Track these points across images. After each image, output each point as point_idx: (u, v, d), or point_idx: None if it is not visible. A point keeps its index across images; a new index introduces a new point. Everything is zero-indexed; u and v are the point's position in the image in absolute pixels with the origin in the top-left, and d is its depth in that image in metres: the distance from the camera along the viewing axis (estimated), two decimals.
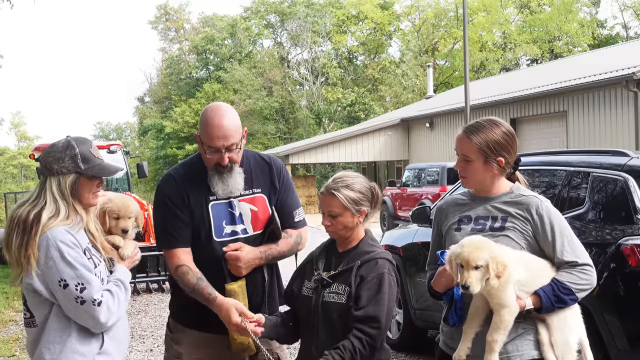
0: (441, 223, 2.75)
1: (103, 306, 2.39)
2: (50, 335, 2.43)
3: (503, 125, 2.61)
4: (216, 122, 2.74)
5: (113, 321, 2.46)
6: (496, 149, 2.56)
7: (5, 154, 63.39)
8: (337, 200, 2.64)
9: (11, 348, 7.15)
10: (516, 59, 44.99)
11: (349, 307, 2.54)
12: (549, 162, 5.08)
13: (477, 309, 2.46)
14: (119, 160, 13.18)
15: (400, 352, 6.23)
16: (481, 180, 2.61)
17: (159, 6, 58.83)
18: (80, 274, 2.37)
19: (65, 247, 2.38)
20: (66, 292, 2.36)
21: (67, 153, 2.48)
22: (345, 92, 46.91)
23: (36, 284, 2.39)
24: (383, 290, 2.54)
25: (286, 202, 3.00)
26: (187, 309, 2.89)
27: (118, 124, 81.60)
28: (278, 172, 3.01)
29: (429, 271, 2.82)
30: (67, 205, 2.47)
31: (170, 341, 3.01)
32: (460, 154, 2.63)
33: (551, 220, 2.50)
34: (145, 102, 64.58)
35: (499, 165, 2.58)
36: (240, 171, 2.88)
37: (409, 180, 19.37)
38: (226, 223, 2.86)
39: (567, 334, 2.44)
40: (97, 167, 2.52)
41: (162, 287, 10.53)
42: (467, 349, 2.44)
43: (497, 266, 2.32)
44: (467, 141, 2.58)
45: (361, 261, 2.61)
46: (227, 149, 2.77)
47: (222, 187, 2.84)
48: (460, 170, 2.64)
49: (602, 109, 17.05)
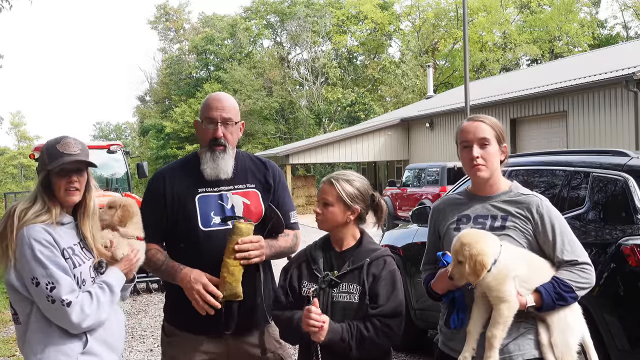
0: (439, 223, 2.73)
1: (75, 307, 2.37)
2: (34, 333, 2.44)
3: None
4: (215, 97, 2.92)
5: (88, 323, 2.42)
6: (501, 133, 2.65)
7: (5, 154, 63.43)
8: (333, 189, 2.68)
9: (11, 348, 7.15)
10: (516, 59, 44.98)
11: (362, 306, 2.56)
12: (549, 162, 5.08)
13: (481, 309, 2.45)
14: (119, 160, 13.20)
15: (400, 352, 6.22)
16: (497, 168, 2.61)
17: (158, 6, 58.90)
18: (50, 273, 2.36)
19: (38, 245, 2.39)
20: (38, 290, 2.37)
21: (43, 151, 2.55)
22: (345, 92, 46.90)
23: (14, 281, 2.42)
24: (397, 287, 2.62)
25: (283, 201, 3.01)
26: (181, 312, 2.89)
27: (118, 124, 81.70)
28: (273, 172, 3.04)
29: (424, 272, 2.81)
30: (46, 201, 2.50)
31: (167, 345, 3.01)
32: (471, 139, 2.60)
33: (551, 219, 2.51)
34: (146, 102, 64.59)
35: (504, 150, 2.65)
36: (232, 155, 2.92)
37: (409, 180, 19.36)
38: (215, 214, 2.86)
39: (567, 335, 2.43)
40: (59, 163, 2.49)
41: (162, 287, 10.53)
42: (472, 350, 2.43)
43: (474, 265, 2.33)
44: (480, 123, 2.63)
45: (370, 259, 2.63)
46: (223, 121, 2.85)
47: (212, 165, 2.87)
48: (481, 158, 2.56)
49: (602, 109, 17.04)
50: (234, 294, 2.77)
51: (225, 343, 2.86)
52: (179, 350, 2.91)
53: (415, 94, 43.70)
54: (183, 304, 2.82)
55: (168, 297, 3.05)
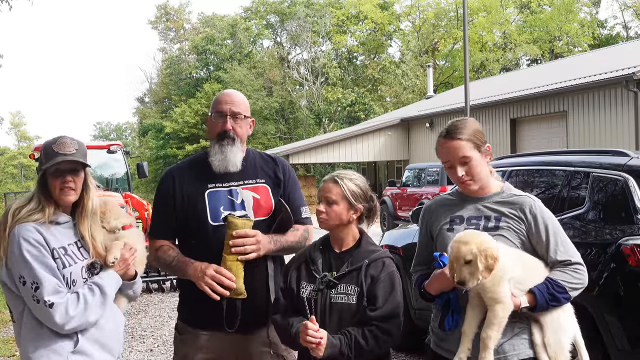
0: (431, 224, 2.73)
1: (58, 308, 2.37)
2: (27, 332, 2.45)
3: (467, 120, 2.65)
4: (225, 92, 3.00)
5: (73, 325, 2.41)
6: (479, 137, 2.59)
7: (5, 154, 63.41)
8: (338, 187, 2.67)
9: (11, 348, 7.15)
10: (516, 59, 44.98)
11: (360, 307, 2.55)
12: (549, 162, 5.08)
13: (475, 309, 2.45)
14: (119, 160, 13.20)
15: (400, 352, 6.22)
16: (485, 175, 2.60)
17: (159, 6, 58.88)
18: (35, 273, 2.37)
19: (26, 244, 2.40)
20: (25, 289, 2.39)
21: (41, 151, 2.57)
22: (345, 92, 46.88)
23: (6, 279, 2.44)
24: (396, 288, 2.60)
25: (294, 196, 3.02)
26: (191, 309, 2.92)
27: (118, 124, 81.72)
28: (282, 167, 3.06)
29: (415, 273, 2.81)
30: (41, 200, 2.51)
31: (178, 342, 3.03)
32: (451, 159, 2.59)
33: (545, 220, 2.51)
34: (145, 102, 64.57)
35: (487, 151, 2.61)
36: (240, 148, 2.94)
37: (409, 180, 19.35)
38: (224, 209, 2.88)
39: (560, 335, 2.45)
40: (53, 163, 2.49)
41: (162, 287, 10.53)
42: (467, 350, 2.43)
43: (486, 259, 2.32)
44: (456, 142, 2.57)
45: (369, 260, 2.62)
46: (232, 115, 2.89)
47: (220, 157, 2.89)
48: (465, 174, 2.57)
49: (602, 109, 17.04)
50: (232, 290, 2.76)
51: (231, 340, 2.85)
52: (189, 347, 2.93)
53: (415, 94, 43.68)
54: (193, 301, 2.86)
55: (181, 295, 3.09)
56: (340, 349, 2.49)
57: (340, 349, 2.49)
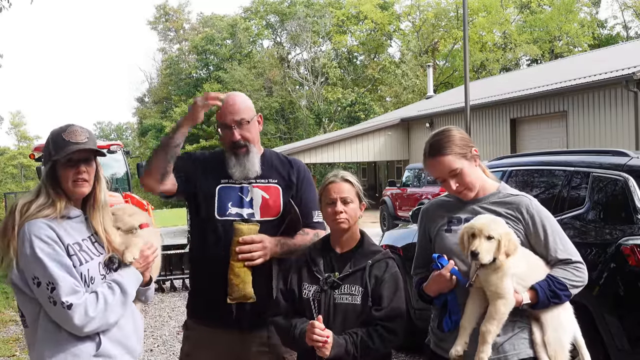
0: (429, 226, 2.73)
1: (77, 309, 2.19)
2: (43, 336, 2.27)
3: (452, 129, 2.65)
4: (228, 102, 2.95)
5: (93, 327, 2.24)
6: (463, 146, 2.58)
7: (5, 154, 63.39)
8: (351, 186, 2.71)
9: (11, 348, 7.14)
10: (516, 59, 44.98)
11: (365, 308, 2.57)
12: (549, 162, 5.08)
13: (475, 304, 2.46)
14: (119, 160, 13.21)
15: (400, 352, 6.22)
16: (478, 179, 2.60)
17: (158, 6, 58.89)
18: (50, 272, 2.19)
19: (39, 241, 2.22)
20: (40, 290, 2.21)
21: (48, 141, 2.39)
22: (345, 92, 46.87)
23: (17, 281, 2.26)
24: (400, 288, 2.64)
25: (306, 199, 3.01)
26: (199, 305, 2.98)
27: (118, 124, 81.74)
28: (297, 169, 3.07)
29: (415, 276, 2.81)
30: (50, 194, 2.33)
31: (185, 339, 3.07)
32: (441, 175, 2.58)
33: (542, 219, 2.52)
34: (145, 102, 64.55)
35: (475, 155, 2.61)
36: (256, 152, 2.96)
37: (409, 180, 19.34)
38: (232, 205, 2.92)
39: (560, 333, 2.46)
40: (66, 153, 2.31)
41: (162, 287, 10.53)
42: (464, 343, 2.45)
43: (509, 244, 2.37)
44: (441, 158, 2.56)
45: (372, 261, 2.65)
46: (236, 124, 2.90)
47: (240, 169, 2.92)
48: (459, 185, 2.57)
49: (602, 109, 17.04)
50: (242, 295, 2.80)
51: (237, 338, 2.88)
52: (194, 344, 2.96)
53: (415, 94, 43.67)
54: (201, 297, 2.93)
55: (191, 292, 3.12)
56: (346, 348, 2.51)
57: (346, 348, 2.51)
